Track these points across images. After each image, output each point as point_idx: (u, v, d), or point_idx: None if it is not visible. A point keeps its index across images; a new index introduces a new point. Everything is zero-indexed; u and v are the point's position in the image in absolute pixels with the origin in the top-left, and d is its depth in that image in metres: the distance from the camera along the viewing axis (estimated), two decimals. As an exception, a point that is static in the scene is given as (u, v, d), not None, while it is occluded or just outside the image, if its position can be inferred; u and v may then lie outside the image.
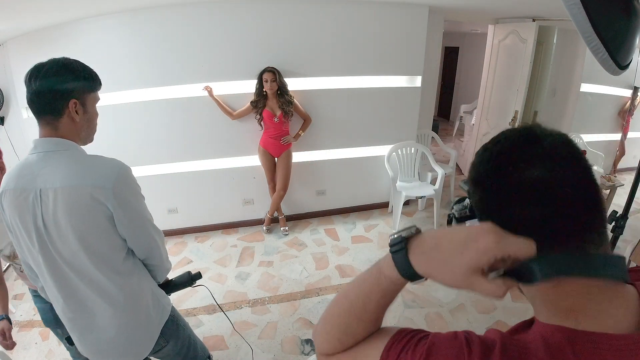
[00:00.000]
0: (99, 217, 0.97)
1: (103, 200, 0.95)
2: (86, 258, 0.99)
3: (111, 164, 0.99)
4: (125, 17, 2.70)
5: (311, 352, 2.11)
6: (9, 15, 2.17)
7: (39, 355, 2.15)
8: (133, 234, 1.05)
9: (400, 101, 3.45)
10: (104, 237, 1.00)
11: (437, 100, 7.39)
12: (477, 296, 2.52)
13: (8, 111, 2.95)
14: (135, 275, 1.11)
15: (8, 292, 1.55)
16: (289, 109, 2.98)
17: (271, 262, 2.99)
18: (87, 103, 1.02)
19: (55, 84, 0.94)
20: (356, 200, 3.79)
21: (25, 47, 2.72)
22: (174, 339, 1.25)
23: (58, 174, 0.94)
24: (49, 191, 0.94)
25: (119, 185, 0.97)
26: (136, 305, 1.11)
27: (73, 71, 0.98)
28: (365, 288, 0.53)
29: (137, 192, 1.05)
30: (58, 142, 0.97)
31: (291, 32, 2.97)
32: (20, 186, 0.95)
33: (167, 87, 2.92)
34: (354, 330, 0.53)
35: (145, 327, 1.15)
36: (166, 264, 1.21)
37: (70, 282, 1.02)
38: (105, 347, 1.11)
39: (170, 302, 1.26)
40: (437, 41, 3.58)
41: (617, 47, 0.68)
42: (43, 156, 0.96)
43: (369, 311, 0.51)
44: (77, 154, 0.99)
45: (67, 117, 0.98)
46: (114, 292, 1.05)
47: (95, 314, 1.06)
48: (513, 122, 3.58)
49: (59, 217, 0.94)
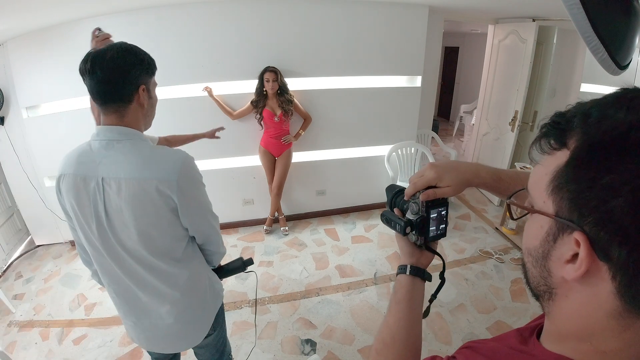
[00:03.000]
0: (164, 210, 0.96)
1: (169, 192, 0.94)
2: (145, 251, 0.99)
3: (175, 156, 0.97)
4: (125, 17, 2.70)
5: (311, 352, 2.12)
6: (9, 15, 2.17)
7: (39, 355, 2.15)
8: (195, 222, 1.04)
9: (400, 101, 3.45)
10: (167, 229, 1.00)
11: (437, 100, 7.38)
12: (478, 296, 2.52)
13: (8, 111, 2.95)
14: (195, 259, 1.12)
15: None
16: (289, 108, 2.98)
17: (271, 262, 2.99)
18: (151, 88, 1.01)
19: (125, 70, 0.92)
20: (356, 200, 3.79)
21: (25, 47, 2.72)
22: (219, 328, 1.27)
23: (123, 164, 0.92)
24: (111, 181, 0.92)
25: (183, 177, 0.95)
26: (195, 290, 1.12)
27: (137, 55, 0.96)
28: (392, 307, 0.65)
29: (199, 182, 1.04)
30: (122, 130, 0.95)
31: (291, 32, 2.97)
32: (82, 173, 0.94)
33: (167, 87, 2.92)
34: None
35: (201, 312, 1.16)
36: (222, 248, 1.22)
37: (130, 267, 1.02)
38: (160, 334, 1.12)
39: (223, 289, 1.28)
40: (437, 41, 3.58)
41: (617, 47, 0.68)
42: (106, 144, 0.94)
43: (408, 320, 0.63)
44: (142, 145, 0.97)
45: (136, 104, 0.96)
46: (175, 277, 1.06)
47: (155, 297, 1.07)
48: (513, 122, 3.58)
49: (122, 207, 0.93)
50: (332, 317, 2.38)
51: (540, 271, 0.38)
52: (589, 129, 0.32)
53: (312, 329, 2.29)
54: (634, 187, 0.28)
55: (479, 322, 2.31)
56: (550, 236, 0.36)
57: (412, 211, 0.65)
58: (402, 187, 0.71)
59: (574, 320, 0.37)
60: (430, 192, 0.62)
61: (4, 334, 2.35)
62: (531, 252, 0.40)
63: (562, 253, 0.35)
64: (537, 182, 0.37)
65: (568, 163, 0.33)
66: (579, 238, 0.32)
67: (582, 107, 0.34)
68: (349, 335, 2.24)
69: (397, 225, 0.66)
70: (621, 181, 0.29)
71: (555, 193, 0.35)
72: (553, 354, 0.38)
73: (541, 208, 0.37)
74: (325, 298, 2.55)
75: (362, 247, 3.17)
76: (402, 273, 0.67)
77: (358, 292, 2.60)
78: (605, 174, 0.30)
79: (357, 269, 2.85)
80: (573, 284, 0.35)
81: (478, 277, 2.74)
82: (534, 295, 0.42)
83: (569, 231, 0.33)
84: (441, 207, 0.63)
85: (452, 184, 0.62)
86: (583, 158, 0.32)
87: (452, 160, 3.16)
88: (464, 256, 3.01)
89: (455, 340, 2.16)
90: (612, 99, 0.33)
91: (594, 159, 0.31)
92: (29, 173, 3.08)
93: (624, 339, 0.33)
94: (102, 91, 0.93)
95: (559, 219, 0.34)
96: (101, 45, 1.85)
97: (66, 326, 2.36)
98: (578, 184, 0.32)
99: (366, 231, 3.43)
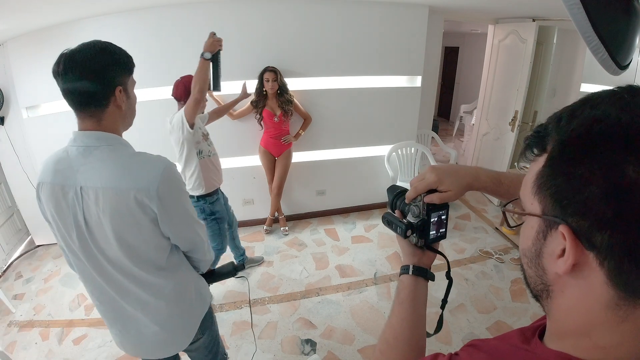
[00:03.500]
0: (143, 220, 0.92)
1: (148, 202, 0.90)
2: (127, 261, 0.96)
3: (155, 164, 0.92)
4: (125, 17, 2.70)
5: (311, 352, 2.12)
6: (9, 15, 2.17)
7: (39, 355, 2.15)
8: (177, 231, 1.01)
9: (400, 101, 3.45)
10: (147, 239, 0.96)
11: (437, 100, 7.38)
12: (478, 296, 2.52)
13: (8, 111, 2.95)
14: (181, 268, 1.10)
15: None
16: (289, 108, 2.99)
17: (271, 262, 2.99)
18: (128, 88, 0.95)
19: (99, 72, 0.85)
20: (356, 200, 3.79)
21: (25, 47, 2.72)
22: (208, 331, 1.25)
23: (100, 172, 0.88)
24: (89, 190, 0.88)
25: (163, 186, 0.91)
26: (181, 298, 1.10)
27: (112, 55, 0.89)
28: (395, 308, 0.66)
29: (181, 190, 1.00)
30: (100, 136, 0.90)
31: (291, 32, 2.97)
32: (59, 182, 0.90)
33: (167, 87, 2.92)
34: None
35: (187, 319, 1.14)
36: (208, 255, 1.19)
37: (112, 277, 0.99)
38: (147, 341, 1.10)
39: (210, 294, 1.26)
40: (437, 41, 3.58)
41: (617, 47, 0.68)
42: (83, 151, 0.89)
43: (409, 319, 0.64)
44: (121, 151, 0.92)
45: (113, 106, 0.90)
46: (159, 287, 1.03)
47: (139, 307, 1.05)
48: (513, 122, 3.58)
49: (101, 217, 0.90)
50: (332, 317, 2.38)
51: (535, 270, 0.40)
52: (560, 130, 0.35)
53: (312, 329, 2.29)
54: (603, 174, 0.31)
55: (479, 322, 2.30)
56: (540, 234, 0.38)
57: (412, 214, 0.66)
58: (403, 188, 0.72)
59: (572, 316, 0.37)
60: (435, 197, 0.63)
61: (4, 334, 2.35)
62: (526, 253, 0.41)
63: (552, 249, 0.37)
64: (524, 187, 0.41)
65: (546, 163, 0.37)
66: (563, 230, 0.34)
67: (556, 114, 0.38)
68: (349, 335, 2.23)
69: (398, 228, 0.66)
70: (591, 170, 0.32)
71: (539, 193, 0.37)
72: (553, 352, 0.39)
73: (529, 210, 0.39)
74: (325, 298, 2.55)
75: (362, 247, 3.17)
76: (404, 273, 0.68)
77: (358, 292, 2.60)
78: (577, 166, 0.33)
79: (357, 269, 2.85)
80: (566, 278, 0.36)
81: (478, 277, 2.74)
82: (533, 296, 0.43)
83: (556, 226, 0.36)
84: (442, 210, 0.65)
85: (453, 188, 0.63)
86: (557, 156, 0.35)
87: (452, 164, 3.17)
88: (464, 256, 3.01)
89: (455, 340, 2.16)
90: (579, 102, 0.36)
91: (566, 155, 0.34)
92: (29, 173, 3.08)
93: (622, 331, 0.34)
94: (76, 95, 0.87)
95: (545, 217, 0.37)
96: (216, 48, 1.93)
97: (66, 326, 2.36)
98: (556, 180, 0.35)
99: (366, 231, 3.43)
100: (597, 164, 0.31)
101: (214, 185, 2.22)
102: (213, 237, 2.31)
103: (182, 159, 2.07)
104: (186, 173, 2.11)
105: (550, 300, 0.39)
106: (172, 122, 2.02)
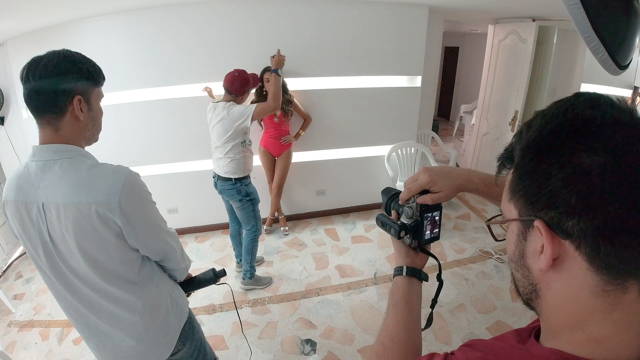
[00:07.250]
0: (107, 234, 0.90)
1: (110, 215, 0.87)
2: (96, 277, 0.94)
3: (115, 175, 0.89)
4: (125, 17, 2.70)
5: (311, 352, 2.12)
6: (9, 15, 2.17)
7: (39, 355, 2.15)
8: (145, 242, 0.98)
9: (400, 101, 3.45)
10: (114, 254, 0.93)
11: (437, 100, 7.39)
12: (478, 296, 2.52)
13: (8, 111, 2.95)
14: (154, 280, 1.06)
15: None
16: (289, 109, 2.98)
17: (271, 262, 2.99)
18: (91, 99, 0.93)
19: (57, 78, 0.85)
20: (356, 200, 3.79)
21: (25, 47, 2.72)
22: (189, 341, 1.22)
23: (60, 187, 0.86)
24: (51, 206, 0.87)
25: (125, 198, 0.88)
26: (156, 311, 1.06)
27: (75, 64, 0.89)
28: (390, 310, 0.66)
29: (146, 201, 0.96)
30: (58, 149, 0.88)
31: (291, 32, 2.97)
32: (22, 199, 0.89)
33: (167, 87, 2.92)
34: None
35: (164, 331, 1.11)
36: (183, 264, 1.16)
37: (83, 294, 0.97)
38: (124, 355, 1.08)
39: (188, 303, 1.23)
40: (437, 41, 3.58)
41: (617, 47, 0.68)
42: (42, 166, 0.88)
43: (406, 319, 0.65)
44: (80, 163, 0.89)
45: (71, 116, 0.89)
46: (132, 301, 1.00)
47: (113, 323, 1.02)
48: (513, 122, 3.58)
49: (64, 234, 0.88)
50: (332, 317, 2.38)
51: (522, 272, 0.42)
52: (521, 141, 0.39)
53: (312, 329, 2.29)
54: (559, 165, 0.34)
55: (479, 322, 2.31)
56: (520, 236, 0.41)
57: (406, 215, 0.67)
58: (397, 190, 0.73)
59: (563, 311, 0.38)
60: (427, 197, 0.64)
61: (4, 334, 2.35)
62: (512, 257, 0.43)
63: (534, 247, 0.39)
64: (503, 199, 0.44)
65: (513, 171, 0.41)
66: (538, 225, 0.36)
67: (518, 130, 0.42)
68: (349, 335, 2.23)
69: (391, 229, 0.67)
70: (549, 164, 0.35)
71: (512, 198, 0.41)
72: (547, 349, 0.39)
73: (508, 217, 0.43)
74: (325, 298, 2.55)
75: (362, 247, 3.17)
76: (398, 275, 0.69)
77: (358, 292, 2.60)
78: (538, 165, 0.36)
79: (357, 269, 2.85)
80: (551, 273, 0.38)
81: (478, 277, 2.74)
82: (525, 302, 0.44)
83: (532, 224, 0.38)
84: (435, 211, 0.66)
85: (445, 189, 0.65)
86: (520, 161, 0.39)
87: (446, 165, 3.17)
88: (464, 256, 3.01)
89: (455, 340, 2.16)
90: (534, 116, 0.40)
91: (527, 158, 0.38)
92: (29, 173, 3.08)
93: (614, 320, 0.35)
94: (34, 100, 0.86)
95: (521, 218, 0.40)
96: (283, 64, 2.30)
97: (66, 326, 2.36)
98: (523, 182, 0.38)
99: (366, 231, 3.43)
100: (553, 158, 0.35)
101: (249, 169, 2.48)
102: (248, 219, 2.51)
103: (227, 145, 2.30)
104: (227, 157, 2.33)
105: (540, 300, 0.41)
106: (230, 111, 2.21)
